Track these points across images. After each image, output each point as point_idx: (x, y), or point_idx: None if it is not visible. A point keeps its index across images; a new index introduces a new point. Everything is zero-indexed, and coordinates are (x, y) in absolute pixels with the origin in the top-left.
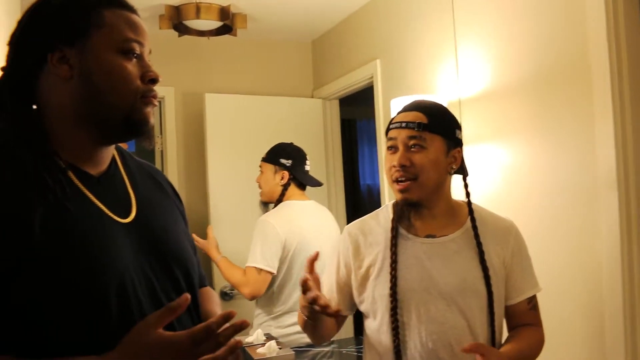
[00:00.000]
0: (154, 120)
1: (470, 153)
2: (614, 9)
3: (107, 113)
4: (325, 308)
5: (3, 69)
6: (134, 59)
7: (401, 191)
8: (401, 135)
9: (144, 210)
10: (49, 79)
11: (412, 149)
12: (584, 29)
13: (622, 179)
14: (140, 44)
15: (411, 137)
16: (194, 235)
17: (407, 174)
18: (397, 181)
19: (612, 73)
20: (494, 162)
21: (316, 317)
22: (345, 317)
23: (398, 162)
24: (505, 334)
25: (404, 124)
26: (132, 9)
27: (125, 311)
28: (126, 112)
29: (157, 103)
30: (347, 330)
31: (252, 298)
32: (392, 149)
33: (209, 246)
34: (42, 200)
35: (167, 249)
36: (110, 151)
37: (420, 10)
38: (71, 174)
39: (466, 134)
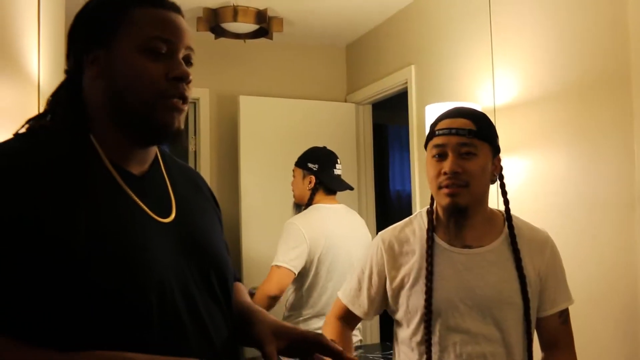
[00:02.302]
0: (180, 123)
1: (504, 161)
2: None
3: (129, 115)
4: None
5: (66, 71)
6: (161, 58)
7: (450, 195)
8: (451, 141)
9: (183, 211)
10: (87, 81)
11: (464, 156)
12: (625, 36)
13: None
14: (169, 41)
15: (463, 144)
16: None
17: (459, 181)
18: (446, 187)
19: None
20: (528, 171)
21: None
22: (360, 321)
23: (450, 168)
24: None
25: (453, 131)
26: (167, 6)
27: (163, 310)
28: (147, 115)
29: (181, 105)
30: (373, 336)
31: (275, 296)
32: (440, 156)
33: None
34: (86, 198)
35: (204, 251)
36: (152, 152)
37: (456, 15)
38: (114, 173)
39: (501, 143)
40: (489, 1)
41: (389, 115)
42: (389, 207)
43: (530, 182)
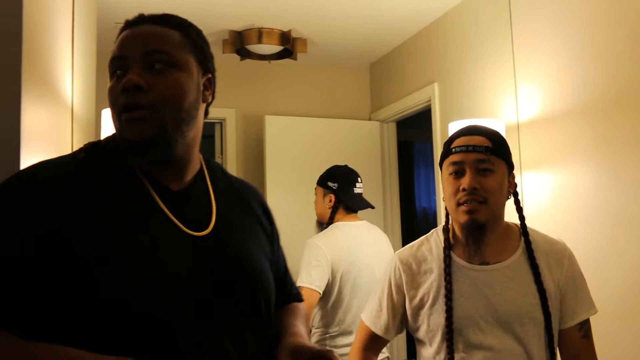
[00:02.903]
0: (142, 133)
1: (529, 177)
2: None
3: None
4: None
5: None
6: (122, 76)
7: (469, 212)
8: (469, 158)
9: (221, 226)
10: None
11: (481, 173)
12: None
13: None
14: (123, 58)
15: (480, 161)
16: None
17: (477, 197)
18: (465, 204)
19: None
20: (552, 186)
21: None
22: (387, 342)
23: (469, 185)
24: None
25: (470, 148)
26: (132, 24)
27: (170, 321)
28: (119, 135)
29: (132, 115)
30: (399, 353)
31: None
32: (458, 173)
33: None
34: (113, 210)
35: (236, 265)
36: (188, 166)
37: (477, 33)
38: (149, 187)
39: (525, 158)
40: (510, 18)
41: (414, 133)
42: (415, 225)
43: (554, 197)
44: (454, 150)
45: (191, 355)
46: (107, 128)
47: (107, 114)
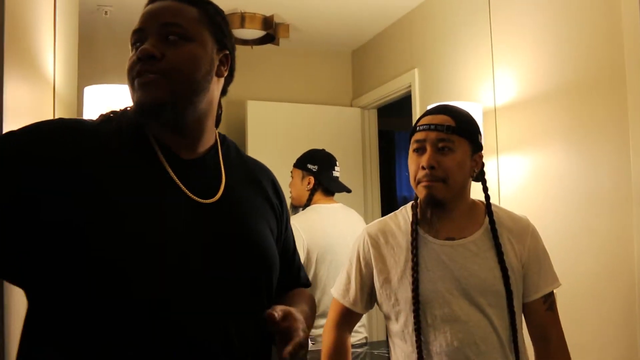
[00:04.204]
0: (151, 98)
1: (505, 160)
2: None
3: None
4: None
5: None
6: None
7: (426, 187)
8: (430, 137)
9: (228, 197)
10: None
11: (441, 151)
12: (620, 37)
13: None
14: (140, 30)
15: (440, 140)
16: None
17: (435, 176)
18: (423, 180)
19: None
20: (528, 169)
21: None
22: (360, 317)
23: (427, 163)
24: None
25: (432, 126)
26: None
27: (165, 281)
28: (133, 99)
29: (143, 80)
30: (379, 333)
31: None
32: (419, 150)
33: None
34: (120, 165)
35: (240, 238)
36: (202, 139)
37: (457, 19)
38: (160, 155)
39: (501, 141)
40: (489, 4)
41: (396, 122)
42: None
43: (530, 178)
44: (418, 128)
45: (186, 323)
46: (89, 106)
47: (89, 92)
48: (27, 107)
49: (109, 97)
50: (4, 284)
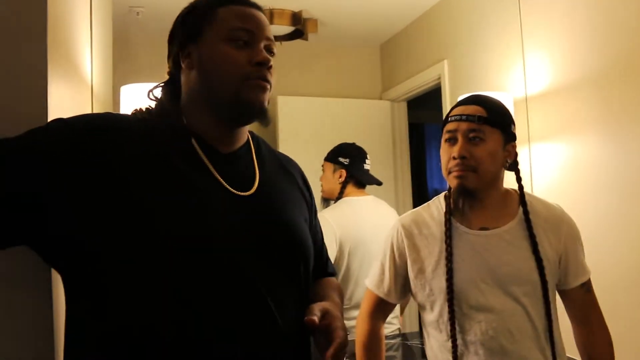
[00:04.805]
0: (264, 101)
1: (537, 150)
2: None
3: (218, 96)
4: None
5: (168, 72)
6: (245, 47)
7: (458, 177)
8: (461, 127)
9: (264, 189)
10: (183, 74)
11: (472, 141)
12: None
13: None
14: (250, 32)
15: (471, 130)
16: None
17: (466, 166)
18: (455, 170)
19: None
20: (561, 159)
21: None
22: (393, 307)
23: (458, 153)
24: (563, 320)
25: (464, 117)
26: (247, 3)
27: (211, 273)
28: (233, 95)
29: (265, 85)
30: (412, 323)
31: None
32: (451, 141)
33: None
34: (164, 165)
35: (280, 228)
36: (241, 134)
37: (486, 9)
38: (198, 149)
39: (533, 131)
40: None
41: (426, 115)
42: None
43: (563, 169)
44: (450, 119)
45: (234, 307)
46: (125, 104)
47: (125, 91)
48: (68, 107)
49: (144, 95)
50: (52, 284)
